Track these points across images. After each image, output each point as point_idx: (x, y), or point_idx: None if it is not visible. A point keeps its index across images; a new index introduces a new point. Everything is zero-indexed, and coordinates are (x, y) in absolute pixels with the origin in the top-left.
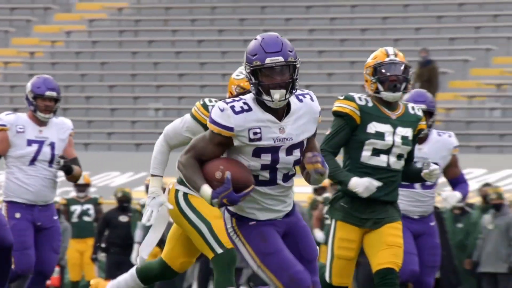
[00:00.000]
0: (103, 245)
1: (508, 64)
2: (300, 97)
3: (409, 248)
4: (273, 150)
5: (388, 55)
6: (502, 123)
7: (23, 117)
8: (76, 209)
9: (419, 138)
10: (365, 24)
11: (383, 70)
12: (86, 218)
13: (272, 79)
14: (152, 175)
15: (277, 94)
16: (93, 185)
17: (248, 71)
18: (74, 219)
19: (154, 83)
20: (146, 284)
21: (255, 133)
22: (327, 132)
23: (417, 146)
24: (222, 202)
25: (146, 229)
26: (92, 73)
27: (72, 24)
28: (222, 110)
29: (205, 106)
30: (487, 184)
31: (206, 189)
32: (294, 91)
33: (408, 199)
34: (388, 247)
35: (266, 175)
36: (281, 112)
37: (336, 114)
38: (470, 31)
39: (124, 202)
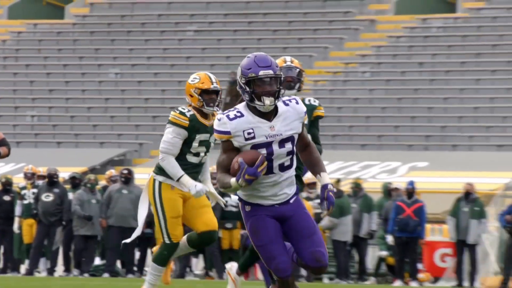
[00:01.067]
0: None
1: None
2: (287, 101)
3: None
4: (267, 145)
5: (285, 62)
6: None
7: None
8: None
9: None
10: (189, 53)
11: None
12: None
13: (263, 88)
14: (180, 178)
15: (267, 100)
16: None
17: (243, 82)
18: None
19: (30, 96)
20: (194, 248)
21: (249, 133)
22: None
23: None
24: (245, 179)
25: (24, 206)
26: None
27: None
28: (219, 120)
29: (182, 113)
30: None
31: (233, 180)
32: (279, 99)
33: None
34: None
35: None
36: (269, 115)
37: None
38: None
39: (7, 185)
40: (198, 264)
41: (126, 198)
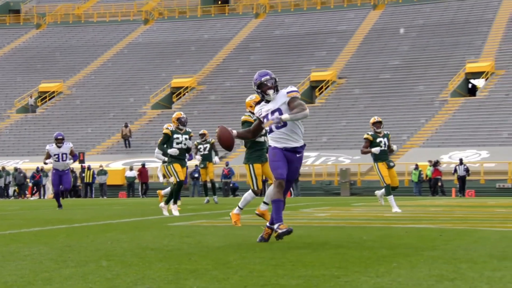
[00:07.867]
0: None
1: None
2: (280, 91)
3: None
4: (266, 116)
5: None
6: None
7: None
8: None
9: None
10: None
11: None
12: None
13: (267, 87)
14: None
15: (270, 91)
16: None
17: (256, 86)
18: None
19: None
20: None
21: (259, 111)
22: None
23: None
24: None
25: None
26: None
27: None
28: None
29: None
30: None
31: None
32: (276, 92)
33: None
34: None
35: (266, 128)
36: (270, 100)
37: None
38: None
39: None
40: None
41: None
